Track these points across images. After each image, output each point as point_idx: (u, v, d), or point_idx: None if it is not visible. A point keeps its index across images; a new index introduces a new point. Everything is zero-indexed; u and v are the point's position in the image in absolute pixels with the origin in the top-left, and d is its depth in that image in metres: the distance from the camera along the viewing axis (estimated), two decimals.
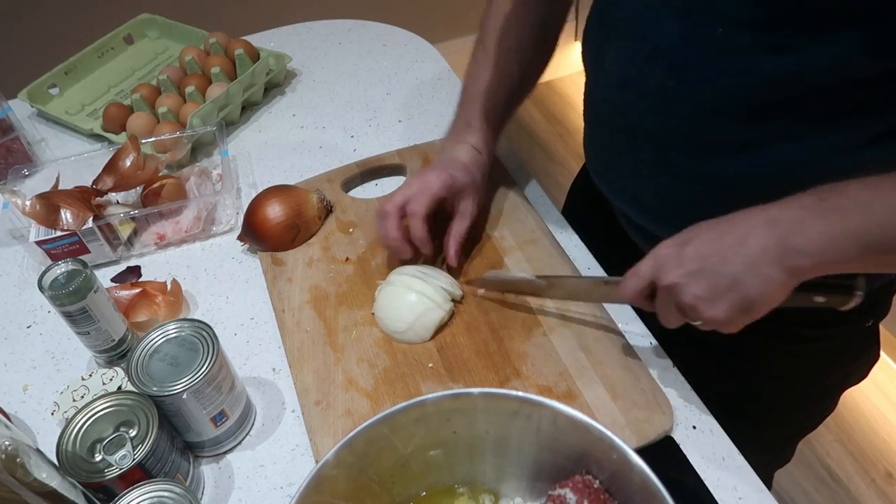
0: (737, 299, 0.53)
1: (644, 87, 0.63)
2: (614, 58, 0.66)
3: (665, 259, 0.56)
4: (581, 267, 0.77)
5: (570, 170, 2.21)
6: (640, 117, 0.65)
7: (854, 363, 0.80)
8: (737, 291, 0.53)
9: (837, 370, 0.80)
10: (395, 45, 1.14)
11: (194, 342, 0.61)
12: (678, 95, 0.60)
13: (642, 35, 0.61)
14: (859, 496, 1.48)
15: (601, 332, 0.69)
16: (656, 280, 0.57)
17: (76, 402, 0.65)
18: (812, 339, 0.73)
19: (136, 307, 0.76)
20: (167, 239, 0.85)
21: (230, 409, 0.63)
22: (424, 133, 0.97)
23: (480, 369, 0.68)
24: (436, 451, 0.54)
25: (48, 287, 0.65)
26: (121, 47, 1.14)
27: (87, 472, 0.55)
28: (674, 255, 0.56)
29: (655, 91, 0.62)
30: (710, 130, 0.60)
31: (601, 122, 0.73)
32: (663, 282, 0.56)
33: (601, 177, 0.76)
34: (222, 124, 0.93)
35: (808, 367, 0.78)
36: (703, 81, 0.58)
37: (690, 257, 0.55)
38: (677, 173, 0.65)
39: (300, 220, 0.81)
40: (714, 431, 0.63)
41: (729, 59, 0.56)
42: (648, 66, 0.61)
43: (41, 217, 0.80)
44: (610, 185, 0.75)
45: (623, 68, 0.65)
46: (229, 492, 0.63)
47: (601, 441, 0.49)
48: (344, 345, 0.71)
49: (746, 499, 0.59)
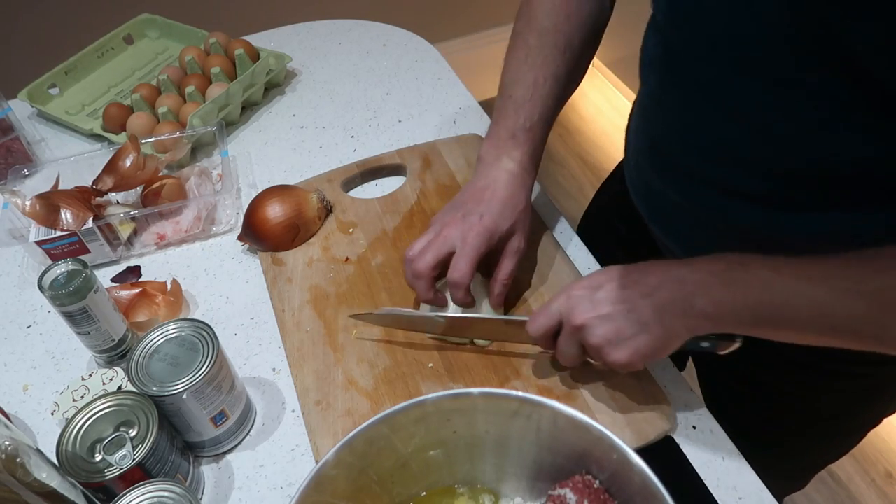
0: (640, 345, 0.56)
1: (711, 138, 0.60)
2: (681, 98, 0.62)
3: (577, 300, 0.58)
4: (582, 268, 0.77)
5: (570, 170, 2.21)
6: (701, 164, 0.62)
7: (891, 402, 0.79)
8: (641, 338, 0.56)
9: (873, 407, 0.79)
10: (395, 45, 1.14)
11: (194, 342, 0.61)
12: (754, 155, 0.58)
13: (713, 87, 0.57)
14: (859, 496, 1.48)
15: None
16: (566, 319, 0.59)
17: (76, 402, 0.65)
18: (858, 377, 0.72)
19: (136, 307, 0.76)
20: (167, 239, 0.85)
21: (230, 409, 0.63)
22: (424, 133, 0.97)
23: (480, 369, 0.68)
24: (436, 451, 0.54)
25: (48, 287, 0.65)
26: (121, 47, 1.14)
27: (87, 472, 0.55)
28: (587, 298, 0.58)
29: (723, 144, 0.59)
30: (781, 189, 0.59)
31: (652, 155, 0.69)
32: (573, 322, 0.58)
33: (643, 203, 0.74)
34: (222, 124, 0.93)
35: (847, 404, 0.77)
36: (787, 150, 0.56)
37: (602, 301, 0.57)
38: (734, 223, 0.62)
39: (300, 220, 0.81)
40: (714, 431, 0.63)
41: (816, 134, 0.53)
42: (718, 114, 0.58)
43: (41, 217, 0.80)
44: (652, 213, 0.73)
45: (689, 114, 0.61)
46: (229, 492, 0.63)
47: (601, 441, 0.49)
48: (344, 345, 0.71)
49: (746, 499, 0.59)
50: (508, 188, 0.69)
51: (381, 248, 0.80)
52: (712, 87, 0.57)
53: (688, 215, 0.67)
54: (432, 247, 0.66)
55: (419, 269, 0.66)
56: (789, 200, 0.59)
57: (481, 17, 2.27)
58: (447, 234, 0.66)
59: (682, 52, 0.59)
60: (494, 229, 0.66)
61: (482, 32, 2.32)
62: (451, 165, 0.89)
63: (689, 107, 0.61)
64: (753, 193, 0.60)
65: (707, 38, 0.56)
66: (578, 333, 0.58)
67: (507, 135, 0.70)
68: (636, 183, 0.75)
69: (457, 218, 0.67)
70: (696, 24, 0.56)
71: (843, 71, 0.48)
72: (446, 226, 0.67)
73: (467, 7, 2.25)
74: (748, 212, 0.61)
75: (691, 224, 0.68)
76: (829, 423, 0.80)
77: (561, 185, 2.18)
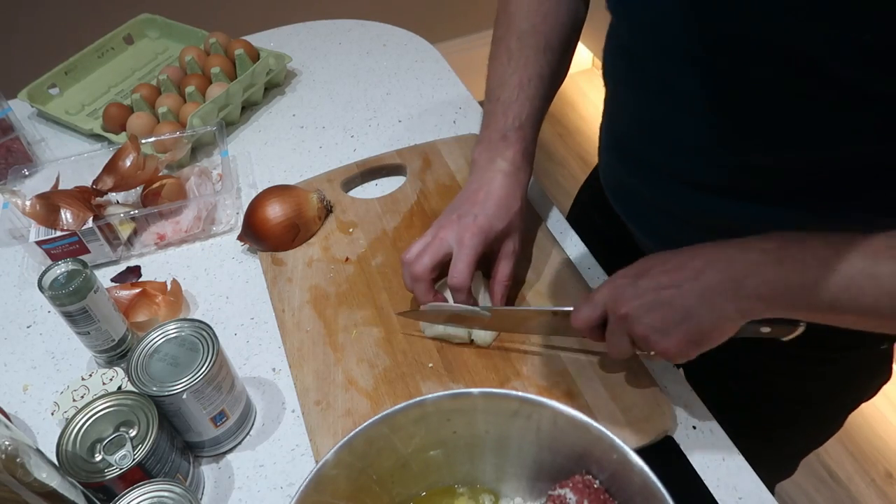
0: (689, 332, 0.54)
1: (674, 134, 0.60)
2: (641, 97, 0.63)
3: (620, 289, 0.57)
4: (581, 267, 0.77)
5: (570, 170, 2.21)
6: (666, 159, 0.63)
7: (867, 384, 0.79)
8: (689, 324, 0.53)
9: (850, 391, 0.79)
10: (395, 45, 1.14)
11: (194, 342, 0.61)
12: (715, 150, 0.58)
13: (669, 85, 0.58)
14: (859, 496, 1.48)
15: None
16: (610, 310, 0.57)
17: (76, 402, 0.65)
18: (830, 362, 0.72)
19: (136, 307, 0.76)
20: (167, 239, 0.85)
21: (230, 409, 0.63)
22: (424, 133, 0.97)
23: (480, 369, 0.68)
24: (436, 451, 0.54)
25: (48, 287, 0.65)
26: (121, 47, 1.14)
27: (87, 472, 0.55)
28: (630, 286, 0.56)
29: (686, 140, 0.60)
30: (747, 180, 0.59)
31: (621, 152, 0.70)
32: (618, 312, 0.56)
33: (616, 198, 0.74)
34: (222, 124, 0.93)
35: (822, 389, 0.77)
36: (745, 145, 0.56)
37: (646, 289, 0.55)
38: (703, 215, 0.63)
39: (300, 220, 0.81)
40: (714, 432, 0.63)
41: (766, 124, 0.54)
42: (677, 114, 0.59)
43: (41, 217, 0.80)
44: (626, 209, 0.73)
45: (650, 111, 0.62)
46: (229, 492, 0.63)
47: (601, 441, 0.49)
48: (344, 345, 0.71)
49: (746, 499, 0.59)
50: (504, 188, 0.69)
51: (381, 248, 0.80)
52: (663, 84, 0.58)
53: (658, 210, 0.68)
54: (429, 250, 0.67)
55: (417, 273, 0.66)
56: (749, 191, 0.59)
57: (481, 17, 2.27)
58: (443, 237, 0.67)
59: (635, 51, 0.61)
60: (490, 229, 0.67)
61: (482, 32, 2.32)
62: (451, 165, 0.89)
63: (646, 103, 0.62)
64: (715, 185, 0.60)
65: (655, 37, 0.57)
66: (624, 323, 0.56)
67: (497, 136, 0.71)
68: (609, 181, 0.76)
69: (452, 220, 0.68)
70: (645, 24, 0.58)
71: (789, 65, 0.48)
72: (442, 228, 0.68)
73: (467, 7, 2.25)
74: (712, 203, 0.61)
75: (663, 219, 0.68)
76: (812, 408, 0.80)
77: (561, 185, 2.18)
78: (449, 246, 0.66)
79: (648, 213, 0.71)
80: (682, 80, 0.57)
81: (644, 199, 0.69)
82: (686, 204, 0.64)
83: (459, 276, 0.65)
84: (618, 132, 0.70)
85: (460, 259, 0.65)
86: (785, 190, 0.58)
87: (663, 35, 0.57)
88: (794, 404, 0.79)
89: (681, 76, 0.57)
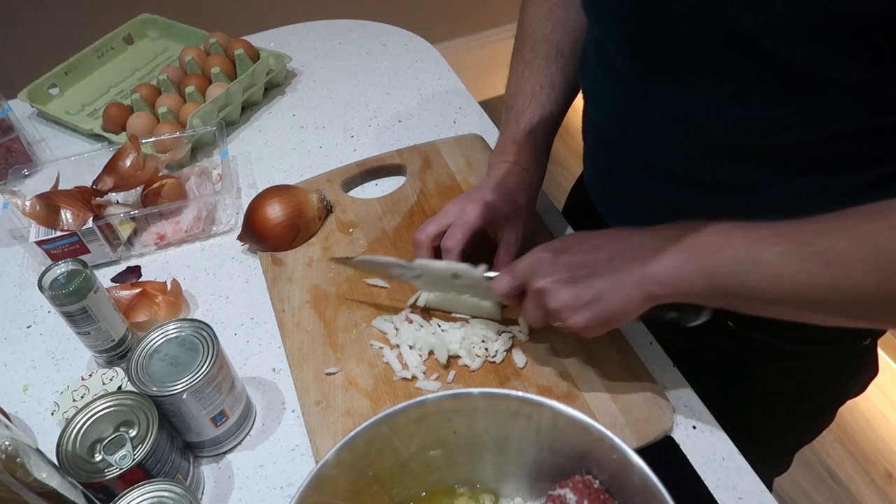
0: (597, 311, 0.56)
1: (640, 123, 0.63)
2: (611, 89, 0.65)
3: (540, 263, 0.59)
4: None
5: (570, 170, 2.21)
6: (637, 150, 0.65)
7: (852, 380, 0.80)
8: (599, 305, 0.56)
9: (835, 387, 0.80)
10: (395, 45, 1.14)
11: (194, 342, 0.61)
12: (675, 135, 0.61)
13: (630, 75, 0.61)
14: (859, 496, 1.48)
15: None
16: (528, 282, 0.60)
17: (76, 402, 0.65)
18: (810, 356, 0.73)
19: (136, 307, 0.76)
20: (167, 239, 0.85)
21: (230, 409, 0.63)
22: (424, 133, 0.97)
23: (480, 369, 0.68)
24: (436, 451, 0.54)
25: (48, 287, 0.65)
26: (121, 47, 1.14)
27: (87, 472, 0.55)
28: (549, 262, 0.59)
29: (652, 129, 0.62)
30: (710, 169, 0.61)
31: (599, 146, 0.73)
32: (535, 285, 0.59)
33: (598, 195, 0.76)
34: (222, 124, 0.93)
35: (806, 384, 0.78)
36: (701, 126, 0.58)
37: (564, 265, 0.58)
38: (676, 206, 0.64)
39: (300, 220, 0.81)
40: (714, 432, 0.63)
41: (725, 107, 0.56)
42: (644, 104, 0.61)
43: (41, 217, 0.80)
44: (607, 206, 0.75)
45: (619, 102, 0.64)
46: (229, 492, 0.63)
47: (601, 441, 0.49)
48: (344, 345, 0.71)
49: (746, 499, 0.59)
50: (514, 181, 0.72)
51: (381, 248, 0.80)
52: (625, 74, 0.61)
53: (637, 204, 0.70)
54: (434, 220, 0.70)
55: (419, 238, 0.69)
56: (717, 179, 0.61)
57: (481, 18, 2.27)
58: (448, 210, 0.70)
59: (605, 45, 0.63)
60: (494, 208, 0.69)
61: (482, 32, 2.33)
62: (451, 165, 0.89)
63: (616, 95, 0.64)
64: (684, 174, 0.62)
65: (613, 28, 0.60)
66: (539, 296, 0.59)
67: (510, 142, 0.74)
68: (592, 179, 0.78)
69: (460, 198, 0.71)
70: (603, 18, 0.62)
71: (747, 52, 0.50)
72: (450, 203, 0.71)
73: (467, 7, 2.25)
74: (682, 192, 0.63)
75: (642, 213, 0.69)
76: (795, 404, 0.81)
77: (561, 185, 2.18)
78: (453, 216, 0.69)
79: (630, 209, 0.72)
80: (638, 70, 0.60)
81: (623, 193, 0.72)
82: (659, 193, 0.66)
83: (452, 239, 0.67)
84: (596, 125, 0.73)
85: (457, 225, 0.68)
86: (751, 179, 0.60)
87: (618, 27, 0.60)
88: (775, 399, 0.80)
89: (638, 66, 0.60)
